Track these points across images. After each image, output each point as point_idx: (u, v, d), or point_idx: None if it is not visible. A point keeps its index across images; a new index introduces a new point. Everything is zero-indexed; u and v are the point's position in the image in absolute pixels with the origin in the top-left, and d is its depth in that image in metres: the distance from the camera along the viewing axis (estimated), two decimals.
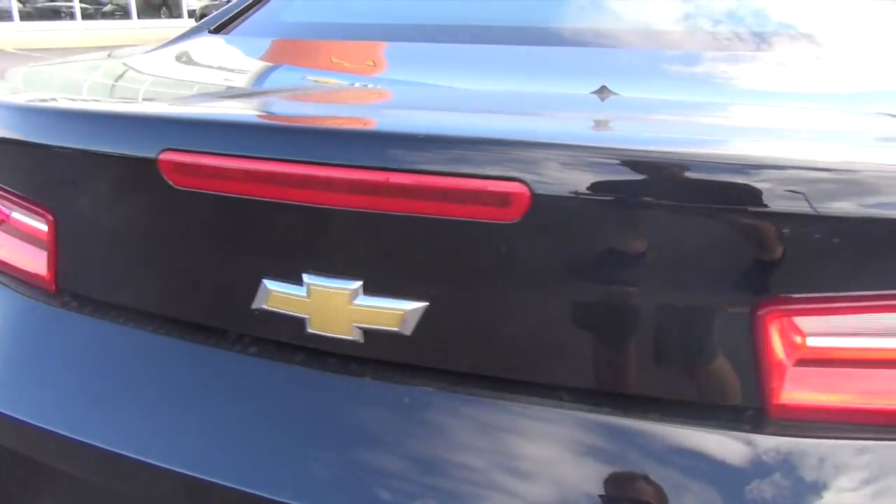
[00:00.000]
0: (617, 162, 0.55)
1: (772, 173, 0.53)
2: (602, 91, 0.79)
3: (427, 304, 0.61)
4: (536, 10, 1.07)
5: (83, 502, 0.74)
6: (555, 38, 0.98)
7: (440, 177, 0.57)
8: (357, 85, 0.92)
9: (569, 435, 0.59)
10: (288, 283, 0.63)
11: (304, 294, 0.63)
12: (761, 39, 0.94)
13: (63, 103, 0.74)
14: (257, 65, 1.04)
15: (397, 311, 0.61)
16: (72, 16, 12.71)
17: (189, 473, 0.63)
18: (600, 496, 0.57)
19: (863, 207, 0.52)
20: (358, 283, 0.61)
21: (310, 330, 0.64)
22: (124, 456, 0.66)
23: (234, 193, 0.62)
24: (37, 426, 0.69)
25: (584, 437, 0.59)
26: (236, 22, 1.22)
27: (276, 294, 0.64)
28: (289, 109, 0.78)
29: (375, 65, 1.01)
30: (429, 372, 0.63)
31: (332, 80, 0.95)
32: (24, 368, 0.76)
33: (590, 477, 0.58)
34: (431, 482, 0.59)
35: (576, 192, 0.55)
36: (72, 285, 0.76)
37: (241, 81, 0.94)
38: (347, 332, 0.63)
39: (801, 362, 0.57)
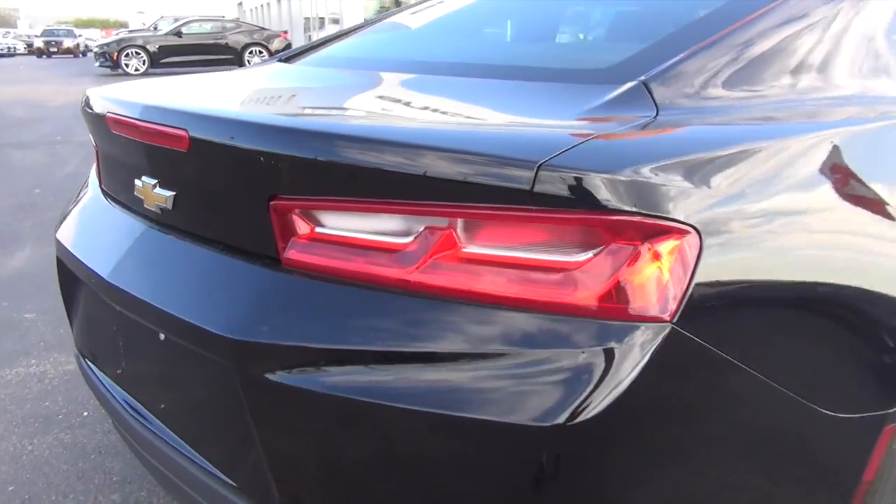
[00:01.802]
0: (217, 125, 1.09)
1: (259, 132, 1.03)
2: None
3: (174, 192, 1.20)
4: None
5: (81, 292, 1.46)
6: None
7: (162, 126, 1.16)
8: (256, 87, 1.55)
9: (208, 262, 1.14)
10: (139, 180, 1.28)
11: (141, 186, 1.27)
12: None
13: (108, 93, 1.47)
14: (264, 76, 1.70)
15: (165, 196, 1.21)
16: None
17: (106, 278, 1.30)
18: (195, 289, 1.11)
19: (314, 153, 0.99)
20: (155, 181, 1.23)
21: (145, 205, 1.27)
22: (89, 266, 1.36)
23: (127, 135, 1.29)
24: (69, 247, 1.44)
25: (210, 265, 1.13)
26: (295, 56, 1.90)
27: (137, 186, 1.29)
28: (167, 94, 1.42)
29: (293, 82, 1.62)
30: (184, 232, 1.22)
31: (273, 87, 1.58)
32: (85, 226, 1.51)
33: (193, 277, 1.12)
34: (158, 274, 1.19)
35: (204, 139, 1.10)
36: (101, 183, 1.51)
37: (216, 84, 1.61)
38: (154, 207, 1.25)
39: (312, 234, 1.03)
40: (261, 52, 18.31)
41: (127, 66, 17.61)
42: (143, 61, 17.74)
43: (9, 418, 2.29)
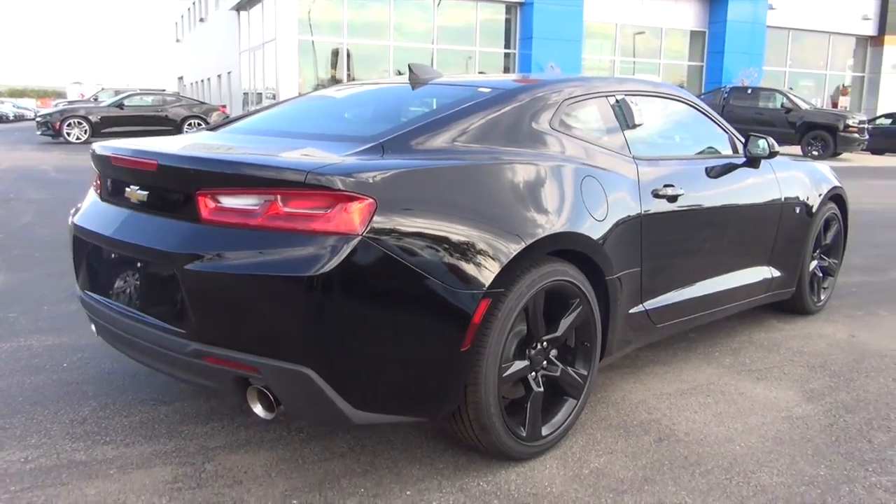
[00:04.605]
0: (171, 157, 2.31)
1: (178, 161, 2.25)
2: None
3: (147, 192, 2.39)
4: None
5: (90, 251, 2.61)
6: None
7: (144, 159, 2.35)
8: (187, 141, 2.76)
9: (165, 223, 2.32)
10: (129, 188, 2.46)
11: (130, 191, 2.44)
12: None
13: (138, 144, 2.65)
14: (199, 139, 2.92)
15: (142, 194, 2.39)
16: None
17: (109, 235, 2.47)
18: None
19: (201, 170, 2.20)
20: (138, 187, 2.42)
21: (131, 201, 2.45)
22: (97, 231, 2.52)
23: (124, 165, 2.47)
24: (84, 226, 2.60)
25: (166, 224, 2.31)
26: (218, 128, 3.13)
27: (127, 191, 2.47)
28: (147, 144, 2.60)
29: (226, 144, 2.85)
30: (151, 211, 2.40)
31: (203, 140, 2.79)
32: (91, 215, 2.66)
33: (157, 231, 2.30)
34: (139, 231, 2.37)
35: (164, 164, 2.30)
36: (100, 193, 2.68)
37: (172, 142, 2.81)
38: (136, 200, 2.42)
39: (216, 207, 2.22)
40: (199, 125, 19.48)
41: (69, 134, 18.49)
42: (85, 131, 18.65)
43: (10, 368, 3.34)
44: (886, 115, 23.33)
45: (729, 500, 2.34)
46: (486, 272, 2.28)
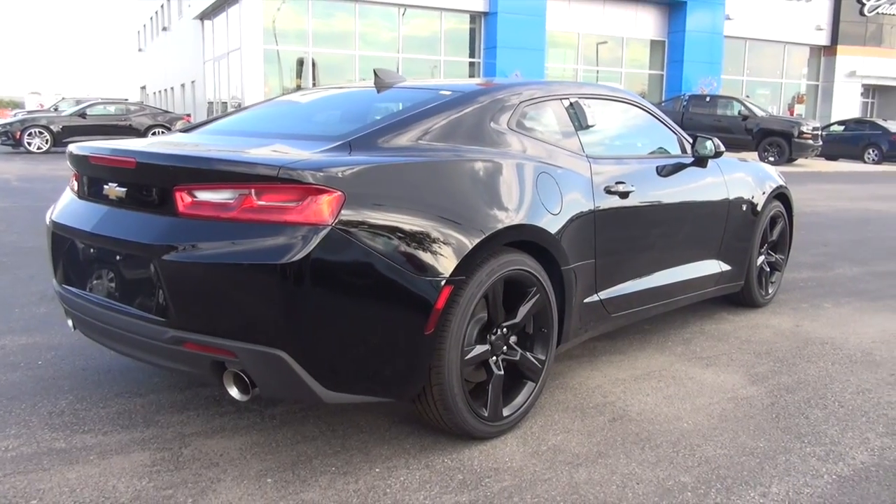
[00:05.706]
0: (149, 155, 2.43)
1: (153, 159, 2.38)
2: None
3: (126, 189, 2.51)
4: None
5: (68, 246, 2.72)
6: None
7: (122, 157, 2.48)
8: (164, 140, 2.89)
9: (143, 218, 2.44)
10: (107, 185, 2.57)
11: (108, 188, 2.56)
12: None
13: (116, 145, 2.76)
14: (173, 139, 3.05)
15: (121, 191, 2.51)
16: None
17: (88, 230, 2.58)
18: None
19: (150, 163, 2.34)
20: (116, 184, 2.53)
21: (110, 197, 2.56)
22: (76, 227, 2.63)
23: (103, 164, 2.58)
24: (62, 222, 2.70)
25: (145, 218, 2.43)
26: (190, 129, 3.25)
27: (106, 188, 2.58)
28: (124, 144, 2.73)
29: (196, 141, 2.98)
30: (130, 206, 2.52)
31: (178, 140, 2.92)
32: (69, 211, 2.77)
33: (136, 225, 2.43)
34: (118, 226, 2.48)
35: (143, 161, 2.43)
36: (77, 190, 2.79)
37: (148, 141, 2.94)
38: (114, 197, 2.53)
39: (193, 201, 2.35)
40: (163, 133, 19.39)
41: (30, 144, 18.27)
42: (47, 140, 18.44)
43: None
44: (839, 122, 24.11)
45: (675, 470, 2.52)
46: (448, 261, 2.44)
